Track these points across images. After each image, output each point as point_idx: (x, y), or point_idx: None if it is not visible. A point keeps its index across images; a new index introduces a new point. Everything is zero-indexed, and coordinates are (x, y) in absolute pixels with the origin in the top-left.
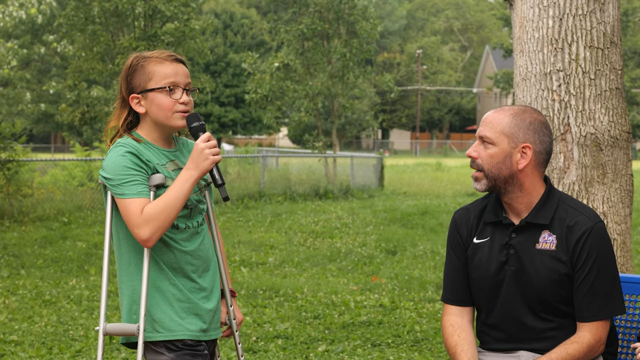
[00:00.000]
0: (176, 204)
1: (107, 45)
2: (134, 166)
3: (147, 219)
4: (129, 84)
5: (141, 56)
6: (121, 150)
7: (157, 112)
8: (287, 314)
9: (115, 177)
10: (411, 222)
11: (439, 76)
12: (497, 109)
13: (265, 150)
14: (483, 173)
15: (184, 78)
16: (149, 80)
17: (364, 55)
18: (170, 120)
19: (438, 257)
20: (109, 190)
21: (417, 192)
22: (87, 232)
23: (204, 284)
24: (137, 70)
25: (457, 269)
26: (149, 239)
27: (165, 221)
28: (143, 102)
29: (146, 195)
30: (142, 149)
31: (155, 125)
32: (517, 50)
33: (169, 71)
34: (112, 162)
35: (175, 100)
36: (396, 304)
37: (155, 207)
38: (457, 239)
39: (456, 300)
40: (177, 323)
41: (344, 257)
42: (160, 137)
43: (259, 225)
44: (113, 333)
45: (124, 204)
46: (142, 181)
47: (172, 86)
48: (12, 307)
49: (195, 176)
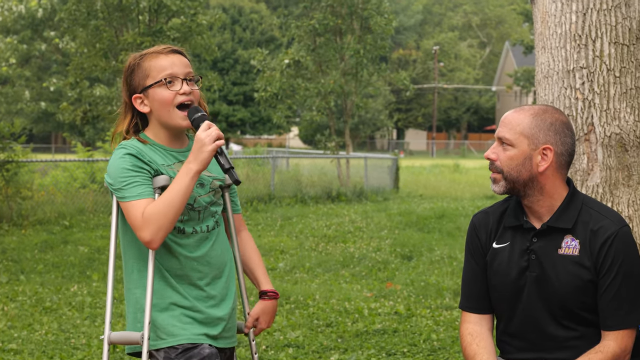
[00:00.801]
0: (176, 200)
1: (110, 41)
2: (133, 167)
3: (148, 219)
4: (130, 85)
5: (138, 55)
6: (121, 152)
7: (159, 109)
8: (298, 321)
9: (115, 180)
10: (427, 226)
11: (456, 74)
12: (517, 108)
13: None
14: (502, 175)
15: (182, 68)
16: (147, 77)
17: (378, 51)
18: (172, 118)
19: (456, 262)
20: (113, 194)
21: (433, 194)
22: (89, 236)
23: (212, 291)
24: (135, 69)
25: (475, 275)
26: (151, 240)
27: (167, 220)
28: (146, 101)
29: (148, 196)
30: (146, 149)
31: (161, 124)
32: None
33: (165, 63)
34: (112, 165)
35: (175, 91)
36: (412, 311)
37: (156, 207)
38: (475, 244)
39: (475, 307)
40: (179, 328)
41: (357, 262)
42: (168, 137)
43: (268, 229)
44: (117, 342)
45: (126, 207)
46: (143, 182)
47: (169, 78)
48: (11, 314)
49: (194, 169)
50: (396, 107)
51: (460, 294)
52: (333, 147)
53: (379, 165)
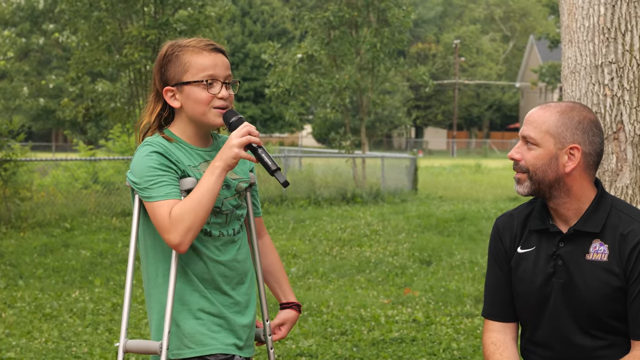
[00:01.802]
0: (204, 200)
1: (114, 34)
2: (160, 166)
3: (176, 221)
4: (163, 75)
5: (177, 44)
6: (147, 150)
7: (193, 108)
8: (311, 329)
9: (141, 179)
10: (447, 229)
11: (478, 69)
12: (542, 105)
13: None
14: (527, 175)
15: (223, 70)
16: (185, 72)
17: (396, 45)
18: (206, 117)
19: (477, 267)
20: (136, 193)
21: (454, 196)
22: (91, 239)
23: (238, 297)
24: (172, 60)
25: (499, 281)
26: (180, 242)
27: (195, 221)
28: (178, 96)
29: (175, 197)
30: (173, 148)
31: (190, 121)
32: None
33: (208, 63)
34: (138, 163)
35: (214, 95)
36: (431, 319)
37: (183, 207)
38: (499, 248)
39: (498, 315)
40: (209, 337)
41: (373, 267)
42: (196, 135)
43: (280, 232)
44: (134, 350)
45: (151, 207)
46: (170, 182)
47: (210, 80)
48: (9, 321)
49: (221, 167)
50: (415, 104)
51: (483, 301)
52: (348, 146)
53: (397, 166)
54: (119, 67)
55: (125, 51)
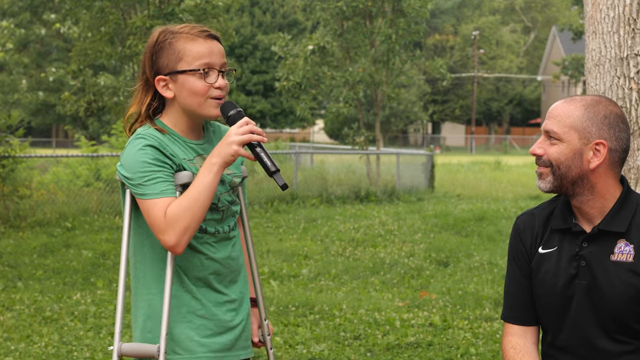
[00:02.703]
0: (201, 198)
1: (117, 24)
2: (155, 161)
3: (171, 221)
4: (155, 63)
5: (169, 31)
6: (140, 143)
7: (188, 98)
8: (323, 333)
9: (134, 175)
10: (466, 229)
11: (498, 62)
12: (567, 99)
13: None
14: (550, 169)
15: (219, 58)
16: (179, 60)
17: (412, 37)
18: (202, 108)
19: (497, 269)
20: (127, 188)
21: (472, 194)
22: (93, 239)
23: (232, 295)
24: (165, 47)
25: (519, 283)
26: (176, 244)
27: (192, 221)
28: (171, 86)
29: (171, 194)
30: (166, 140)
31: (183, 112)
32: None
33: (203, 50)
34: (130, 157)
35: (210, 84)
36: (448, 322)
37: (179, 206)
38: (519, 249)
39: (518, 318)
40: (197, 343)
41: (388, 269)
42: (189, 127)
43: (291, 232)
44: (129, 354)
45: (145, 205)
46: (165, 178)
47: (206, 68)
48: (7, 325)
49: (218, 163)
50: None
51: (503, 303)
52: (362, 142)
53: (413, 162)
54: (122, 59)
55: (129, 42)
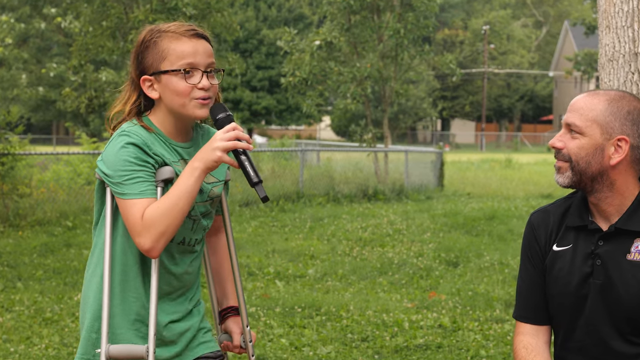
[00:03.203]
0: (180, 203)
1: (119, 19)
2: (137, 161)
3: (148, 224)
4: (140, 63)
5: (156, 30)
6: (123, 141)
7: (171, 99)
8: (329, 335)
9: (114, 172)
10: (476, 228)
11: (509, 57)
12: (590, 92)
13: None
14: (569, 164)
15: (204, 58)
16: (163, 60)
17: (421, 31)
18: (186, 108)
19: (507, 269)
20: (107, 186)
21: (482, 193)
22: None
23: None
24: (150, 47)
25: (532, 281)
26: (151, 248)
27: (169, 225)
28: (156, 86)
29: (151, 195)
30: (151, 139)
31: (169, 113)
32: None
33: (187, 49)
34: (112, 154)
35: (193, 85)
36: (458, 324)
37: (157, 210)
38: (533, 246)
39: (531, 317)
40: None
41: (396, 269)
42: (175, 128)
43: (297, 231)
44: (118, 356)
45: (124, 205)
46: (146, 178)
47: (189, 68)
48: (7, 326)
49: (200, 168)
50: (441, 95)
51: (515, 302)
52: (370, 139)
53: (422, 160)
54: (124, 54)
55: (131, 37)
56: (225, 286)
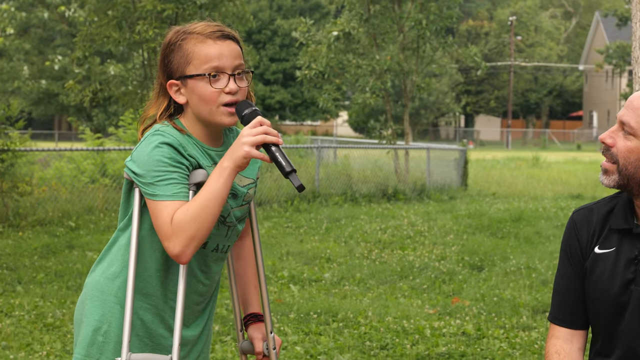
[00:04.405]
0: (210, 205)
1: (126, 8)
2: (171, 161)
3: (178, 228)
4: (167, 67)
5: (182, 31)
6: (157, 140)
7: (198, 105)
8: (347, 343)
9: (147, 172)
10: (501, 230)
11: (536, 49)
12: None
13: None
14: (616, 166)
15: (230, 60)
16: (188, 64)
17: (444, 22)
18: (214, 115)
19: (535, 273)
20: (136, 187)
21: (508, 193)
22: (98, 239)
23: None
24: (176, 49)
25: (570, 283)
26: (181, 253)
27: (199, 229)
28: (183, 91)
29: (183, 198)
30: (185, 141)
31: (197, 119)
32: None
33: (212, 53)
34: (144, 153)
35: (220, 89)
36: (483, 331)
37: (186, 213)
38: (574, 245)
39: (566, 320)
40: None
41: (417, 273)
42: (205, 134)
43: (312, 232)
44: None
45: (154, 207)
46: (180, 180)
47: (214, 72)
48: (6, 332)
49: (230, 167)
50: (464, 89)
51: (551, 303)
52: (389, 135)
53: (444, 158)
54: (131, 45)
55: (139, 28)
56: (247, 292)
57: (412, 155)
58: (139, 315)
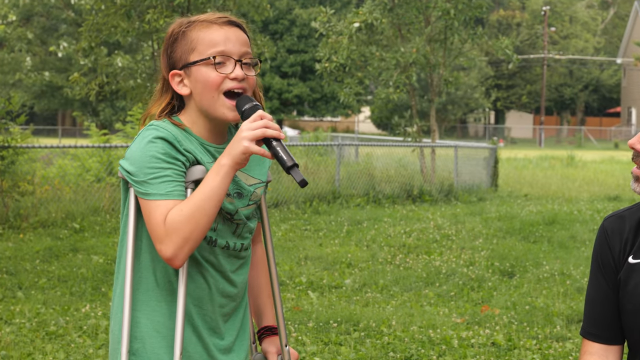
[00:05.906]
0: (206, 205)
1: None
2: (165, 157)
3: (171, 230)
4: (170, 58)
5: (185, 21)
6: (150, 135)
7: (201, 93)
8: (369, 353)
9: (139, 170)
10: (534, 234)
11: (571, 41)
12: None
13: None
14: None
15: (237, 46)
16: (192, 51)
17: (473, 12)
18: (216, 106)
19: (569, 280)
20: (131, 186)
21: (541, 194)
22: (104, 242)
23: (228, 337)
24: (179, 39)
25: (603, 295)
26: (173, 256)
27: (194, 231)
28: (186, 81)
29: (178, 196)
30: (182, 137)
31: (200, 113)
32: None
33: (217, 37)
34: (138, 149)
35: (225, 74)
36: (514, 342)
37: (180, 214)
38: (606, 255)
39: (600, 335)
40: None
41: (444, 279)
42: (207, 129)
43: (332, 235)
44: None
45: (147, 206)
46: (174, 177)
47: (219, 57)
48: (6, 341)
49: (228, 164)
50: (495, 83)
51: (583, 317)
52: (415, 133)
53: (473, 157)
54: (140, 36)
55: (148, 17)
56: (260, 302)
57: (438, 153)
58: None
